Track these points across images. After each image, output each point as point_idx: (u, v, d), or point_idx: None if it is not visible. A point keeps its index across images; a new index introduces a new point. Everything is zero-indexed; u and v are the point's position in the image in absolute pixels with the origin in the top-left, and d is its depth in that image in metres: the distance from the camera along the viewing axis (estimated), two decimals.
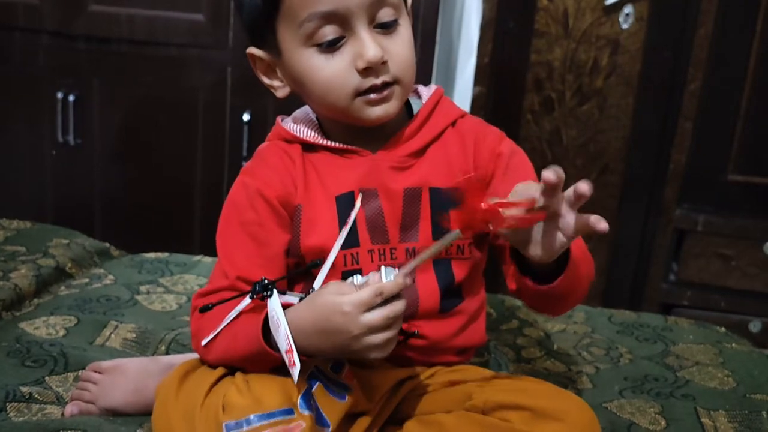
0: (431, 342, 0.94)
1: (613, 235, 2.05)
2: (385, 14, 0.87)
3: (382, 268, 0.79)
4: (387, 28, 0.88)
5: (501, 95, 2.01)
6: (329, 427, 0.83)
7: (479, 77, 1.98)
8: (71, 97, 2.00)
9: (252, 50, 0.93)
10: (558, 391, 0.88)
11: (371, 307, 0.77)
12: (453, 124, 0.96)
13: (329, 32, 0.86)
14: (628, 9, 1.90)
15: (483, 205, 0.70)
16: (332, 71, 0.87)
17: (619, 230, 2.04)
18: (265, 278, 0.83)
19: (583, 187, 0.71)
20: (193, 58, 1.95)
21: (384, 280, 0.78)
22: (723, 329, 1.36)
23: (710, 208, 1.96)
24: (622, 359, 1.21)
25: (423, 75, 1.86)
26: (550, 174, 0.70)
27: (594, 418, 0.84)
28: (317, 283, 0.85)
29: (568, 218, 0.74)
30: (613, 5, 1.90)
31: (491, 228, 0.72)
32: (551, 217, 0.74)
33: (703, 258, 1.98)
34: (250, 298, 0.84)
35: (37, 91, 2.04)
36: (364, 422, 0.89)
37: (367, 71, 0.87)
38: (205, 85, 1.97)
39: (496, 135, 0.97)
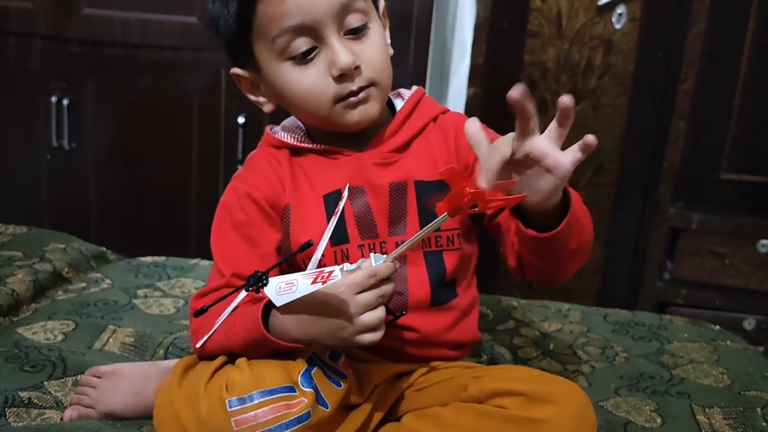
0: (423, 335, 0.96)
1: (608, 234, 2.05)
2: (353, 20, 0.90)
3: (371, 254, 0.82)
4: (357, 33, 0.91)
5: (495, 96, 2.02)
6: (328, 408, 0.84)
7: (473, 78, 1.98)
8: (65, 101, 2.00)
9: (235, 70, 0.97)
10: (550, 376, 0.90)
11: (364, 289, 0.80)
12: (435, 120, 0.99)
13: (301, 44, 0.89)
14: (621, 9, 1.91)
15: (468, 189, 0.73)
16: (309, 82, 0.90)
17: (614, 229, 2.05)
18: (257, 270, 0.84)
19: (564, 98, 0.73)
20: (187, 61, 1.95)
21: (373, 264, 0.81)
22: (717, 327, 1.37)
23: (704, 206, 1.97)
24: (617, 358, 1.22)
25: (417, 76, 1.86)
26: (514, 91, 0.71)
27: (586, 399, 0.85)
28: (310, 270, 0.86)
29: (553, 156, 0.76)
30: (606, 5, 1.91)
31: (477, 210, 0.75)
32: (533, 163, 0.77)
33: (697, 256, 1.99)
34: (246, 290, 0.85)
35: (31, 95, 2.03)
36: (360, 415, 0.90)
37: (342, 77, 0.90)
38: (199, 88, 1.97)
39: None
